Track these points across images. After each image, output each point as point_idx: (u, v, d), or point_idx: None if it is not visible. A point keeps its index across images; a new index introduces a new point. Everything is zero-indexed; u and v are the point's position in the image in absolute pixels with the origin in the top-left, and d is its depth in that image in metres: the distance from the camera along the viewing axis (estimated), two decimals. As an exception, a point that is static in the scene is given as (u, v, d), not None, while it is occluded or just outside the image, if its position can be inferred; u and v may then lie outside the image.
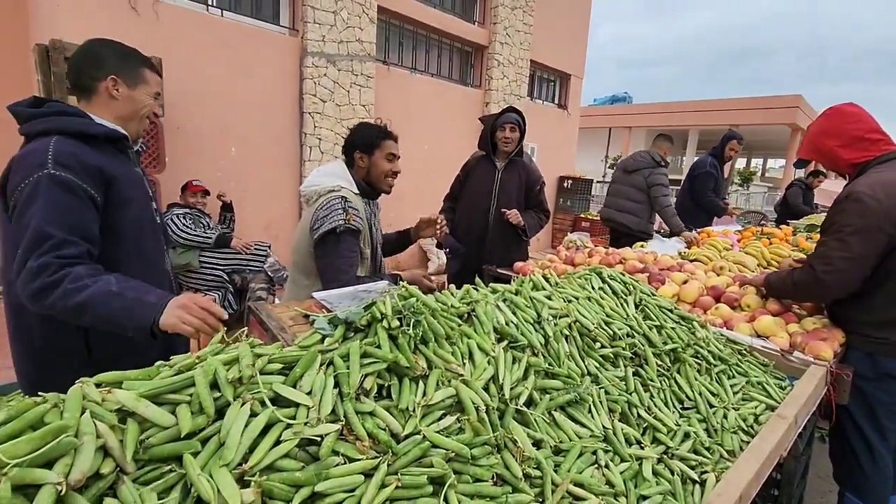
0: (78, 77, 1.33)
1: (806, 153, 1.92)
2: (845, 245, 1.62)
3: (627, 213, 4.09)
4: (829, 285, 1.69)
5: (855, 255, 1.61)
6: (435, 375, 0.95)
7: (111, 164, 1.26)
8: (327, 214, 1.84)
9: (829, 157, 1.83)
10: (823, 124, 1.84)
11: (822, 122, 1.85)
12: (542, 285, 1.41)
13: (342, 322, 0.96)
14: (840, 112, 1.82)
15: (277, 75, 4.36)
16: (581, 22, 8.44)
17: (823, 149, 1.83)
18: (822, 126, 1.84)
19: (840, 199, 1.68)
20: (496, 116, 2.88)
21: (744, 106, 19.86)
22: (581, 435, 1.04)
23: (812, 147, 1.87)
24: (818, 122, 1.87)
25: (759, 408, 1.36)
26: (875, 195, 1.57)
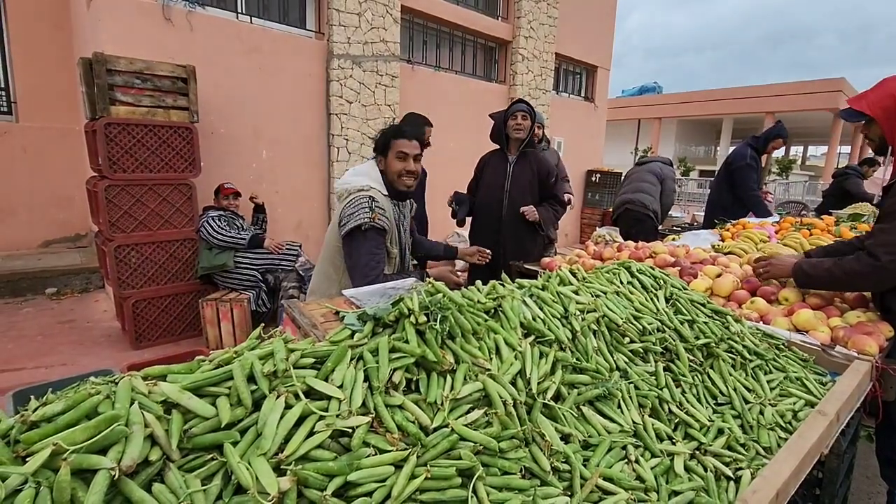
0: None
1: (871, 108, 1.64)
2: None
3: (642, 192, 4.38)
4: (889, 277, 1.57)
5: None
6: (462, 370, 0.96)
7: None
8: (354, 211, 1.88)
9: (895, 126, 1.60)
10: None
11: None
12: (568, 280, 1.41)
13: (371, 318, 0.99)
14: None
15: (305, 78, 4.45)
16: (607, 12, 8.26)
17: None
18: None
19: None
20: (506, 109, 2.89)
21: (782, 92, 19.05)
22: (610, 430, 1.04)
23: (886, 107, 1.61)
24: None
25: (797, 404, 1.32)
26: None
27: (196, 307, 3.35)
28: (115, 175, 3.02)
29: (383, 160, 2.01)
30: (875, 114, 1.62)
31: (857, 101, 1.68)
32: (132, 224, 3.13)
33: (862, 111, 1.65)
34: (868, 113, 1.64)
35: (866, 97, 1.67)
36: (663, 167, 4.49)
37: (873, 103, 1.64)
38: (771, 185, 17.45)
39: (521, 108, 2.83)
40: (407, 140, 2.00)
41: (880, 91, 1.64)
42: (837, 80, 17.74)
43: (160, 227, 3.23)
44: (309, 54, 4.46)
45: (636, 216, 4.33)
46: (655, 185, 4.41)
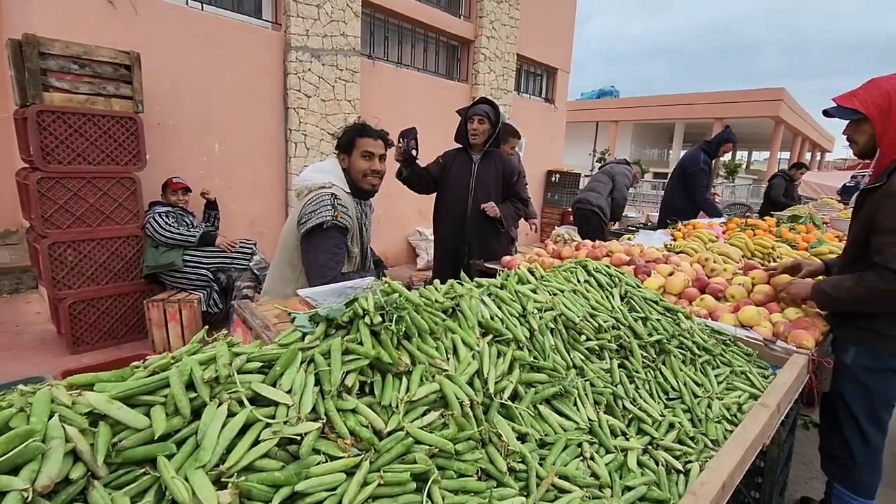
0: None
1: (864, 106, 1.55)
2: None
3: (590, 191, 4.64)
4: None
5: None
6: (418, 371, 0.94)
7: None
8: (315, 209, 1.83)
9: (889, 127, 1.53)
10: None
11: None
12: (527, 279, 1.41)
13: (323, 319, 0.95)
14: None
15: (260, 70, 4.29)
16: (567, 16, 8.43)
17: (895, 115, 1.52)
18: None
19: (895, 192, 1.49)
20: (467, 108, 2.88)
21: (728, 99, 20.10)
22: (566, 428, 1.04)
23: (882, 106, 1.53)
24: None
25: (742, 397, 1.37)
26: None
27: (141, 308, 3.16)
28: (48, 167, 2.80)
29: (346, 158, 1.97)
30: (869, 112, 1.54)
31: (848, 100, 1.60)
32: (68, 219, 2.92)
33: (855, 108, 1.56)
34: (862, 110, 1.55)
35: (857, 95, 1.59)
36: (615, 166, 4.75)
37: (866, 101, 1.55)
38: (719, 188, 18.40)
39: (480, 110, 2.82)
40: (372, 139, 1.96)
41: (873, 90, 1.56)
42: (778, 90, 18.90)
43: (100, 224, 3.02)
44: (265, 45, 4.31)
45: (584, 214, 4.58)
46: (606, 183, 4.65)
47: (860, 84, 1.65)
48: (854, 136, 1.63)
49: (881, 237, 1.52)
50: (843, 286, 1.62)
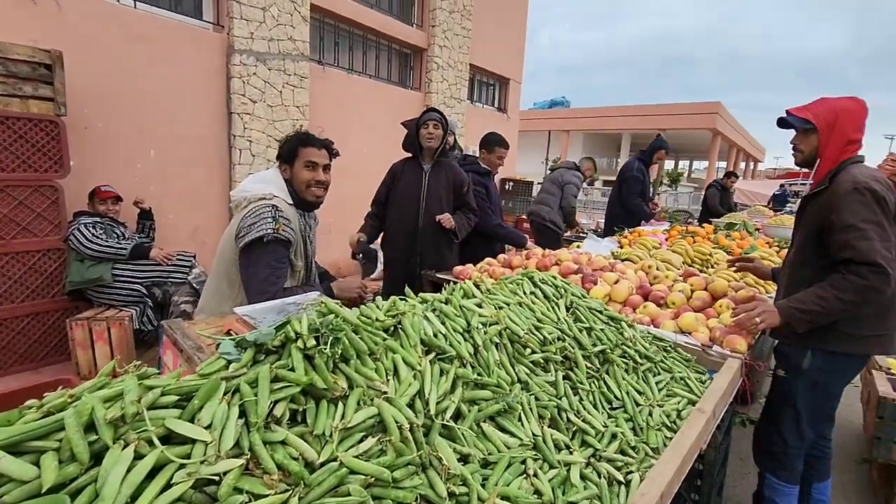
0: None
1: (816, 119, 1.71)
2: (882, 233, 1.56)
3: (541, 203, 4.59)
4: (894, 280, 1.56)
5: (889, 244, 1.56)
6: (355, 395, 0.90)
7: None
8: (255, 222, 1.74)
9: (833, 139, 1.69)
10: (856, 109, 1.71)
11: (855, 107, 1.72)
12: (472, 293, 1.39)
13: (251, 344, 0.89)
14: (866, 109, 1.72)
15: (201, 73, 4.09)
16: (518, 28, 8.64)
17: (838, 129, 1.69)
18: (853, 110, 1.71)
19: (849, 191, 1.60)
20: (418, 118, 2.87)
21: (670, 111, 21.23)
22: (510, 445, 1.03)
23: (829, 121, 1.69)
24: (849, 104, 1.72)
25: (681, 403, 1.41)
26: (880, 187, 1.59)
27: (64, 328, 2.90)
28: (-46, 174, 2.54)
29: (289, 168, 1.89)
30: (819, 124, 1.70)
31: (803, 111, 1.75)
32: (-22, 232, 2.65)
33: (808, 119, 1.72)
34: (813, 121, 1.71)
35: (810, 109, 1.75)
36: (564, 173, 4.71)
37: (818, 115, 1.72)
38: (663, 196, 19.35)
39: (434, 116, 2.82)
40: (316, 149, 1.89)
41: (823, 106, 1.73)
42: (715, 104, 20.16)
43: (16, 236, 2.76)
44: (206, 47, 4.11)
45: (537, 227, 4.62)
46: (555, 194, 4.64)
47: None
48: (801, 145, 1.79)
49: (843, 234, 1.60)
50: (809, 298, 1.65)
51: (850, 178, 1.63)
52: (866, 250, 1.55)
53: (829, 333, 1.72)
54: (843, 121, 1.68)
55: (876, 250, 1.54)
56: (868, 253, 1.54)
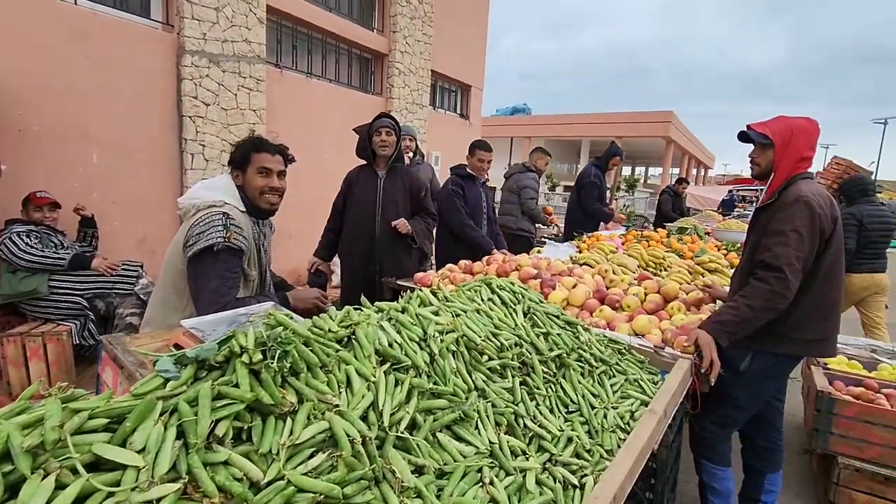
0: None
1: (775, 135, 1.82)
2: (801, 244, 1.69)
3: (505, 214, 4.56)
4: (794, 286, 1.70)
5: (805, 255, 1.71)
6: (305, 410, 0.87)
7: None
8: (205, 230, 1.66)
9: (787, 155, 1.80)
10: (810, 128, 1.83)
11: (809, 126, 1.83)
12: (429, 301, 1.38)
13: (192, 361, 0.84)
14: (818, 129, 1.85)
15: (149, 74, 3.91)
16: (479, 35, 8.75)
17: (792, 145, 1.80)
18: (807, 129, 1.82)
19: (791, 202, 1.74)
20: (370, 124, 2.84)
21: (627, 119, 22.01)
22: (466, 454, 1.02)
23: (785, 138, 1.81)
24: (803, 123, 1.83)
25: (634, 405, 1.45)
26: (818, 201, 1.73)
27: (-5, 344, 2.69)
28: None
29: (241, 175, 1.83)
30: (776, 140, 1.81)
31: (762, 127, 1.87)
32: None
33: (766, 134, 1.83)
34: (771, 137, 1.82)
35: (769, 125, 1.86)
36: (519, 178, 4.61)
37: (775, 131, 1.83)
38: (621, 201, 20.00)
39: (386, 123, 2.80)
40: (269, 154, 1.83)
41: (780, 123, 1.84)
42: (668, 113, 21.05)
43: (-61, 246, 2.54)
44: (154, 47, 3.94)
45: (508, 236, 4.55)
46: (515, 202, 4.61)
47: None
48: (758, 158, 1.90)
49: (769, 238, 1.75)
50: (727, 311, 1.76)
51: (796, 191, 1.76)
52: (779, 255, 1.68)
53: (773, 337, 1.83)
54: (798, 139, 1.80)
55: (786, 256, 1.67)
56: (779, 257, 1.68)
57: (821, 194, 1.77)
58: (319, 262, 2.92)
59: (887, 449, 2.23)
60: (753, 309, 1.71)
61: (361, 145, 2.84)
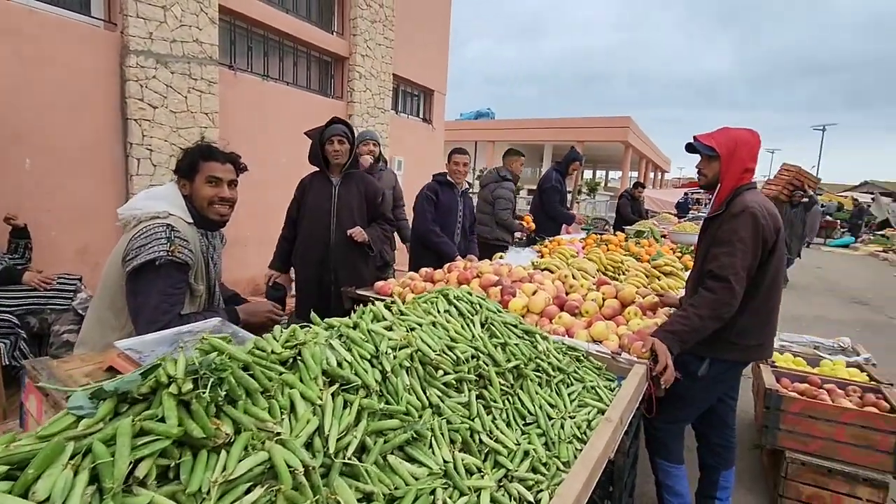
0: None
1: (719, 146, 1.88)
2: (746, 254, 1.75)
3: (480, 224, 4.46)
4: (740, 295, 1.77)
5: (749, 264, 1.77)
6: (242, 441, 0.81)
7: None
8: (146, 243, 1.56)
9: (732, 166, 1.87)
10: (752, 140, 1.89)
11: (751, 139, 1.89)
12: (382, 315, 1.34)
13: (111, 395, 0.77)
14: (760, 140, 1.92)
15: (90, 75, 3.68)
16: (441, 40, 8.76)
17: (736, 157, 1.86)
18: (749, 141, 1.88)
19: (736, 214, 1.81)
20: (322, 129, 2.76)
21: (587, 125, 22.60)
22: (418, 476, 0.98)
23: (730, 149, 1.87)
24: (746, 135, 1.89)
25: (591, 413, 1.45)
26: (762, 212, 1.80)
27: (-89, 369, 2.45)
28: None
29: (188, 184, 1.72)
30: (721, 151, 1.87)
31: (707, 139, 1.92)
32: None
33: (711, 146, 1.89)
34: (716, 149, 1.88)
35: (714, 137, 1.92)
36: (494, 188, 4.54)
37: (720, 143, 1.89)
38: (583, 204, 20.49)
39: (338, 130, 2.73)
40: (219, 163, 1.74)
41: (725, 134, 1.90)
42: (625, 118, 21.76)
43: None
44: (95, 46, 3.71)
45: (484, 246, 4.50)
46: (489, 212, 4.53)
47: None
48: (705, 169, 1.96)
49: (716, 248, 1.82)
50: (678, 320, 1.81)
51: (742, 202, 1.83)
52: (725, 265, 1.76)
53: (722, 344, 1.90)
54: (742, 150, 1.87)
55: (732, 266, 1.75)
56: (725, 267, 1.75)
57: (765, 205, 1.85)
58: (277, 274, 2.84)
59: (828, 442, 2.35)
60: (702, 318, 1.77)
61: (314, 151, 2.76)
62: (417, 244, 3.61)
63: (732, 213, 1.83)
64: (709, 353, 1.93)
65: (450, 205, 3.56)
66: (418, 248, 3.60)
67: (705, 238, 2.00)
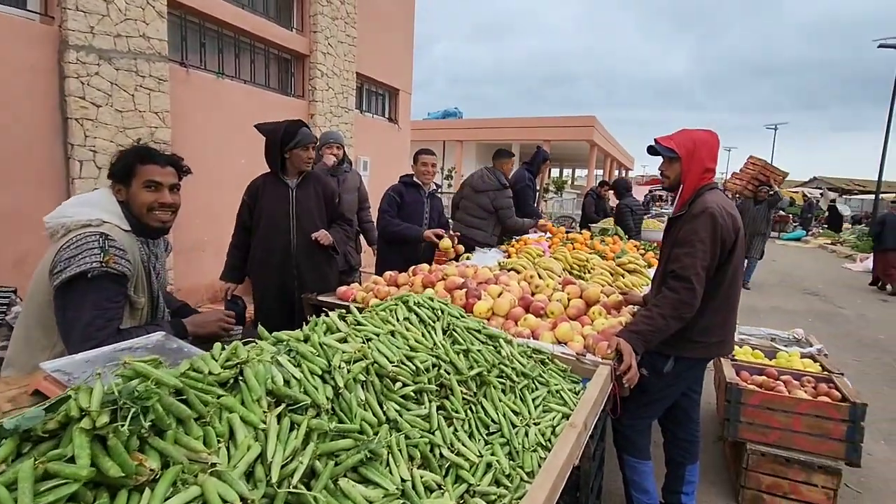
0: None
1: (678, 147, 1.90)
2: (705, 254, 1.78)
3: (474, 227, 4.27)
4: (700, 295, 1.79)
5: (707, 265, 1.79)
6: (169, 476, 0.73)
7: None
8: (76, 254, 1.43)
9: (692, 167, 1.89)
10: (710, 140, 1.91)
11: (710, 139, 1.91)
12: (336, 327, 1.27)
13: (11, 433, 0.67)
14: (718, 140, 1.94)
15: (24, 71, 3.42)
16: (405, 39, 8.67)
17: (696, 157, 1.88)
18: (707, 142, 1.90)
19: (697, 214, 1.83)
20: (283, 130, 2.60)
21: (553, 124, 22.91)
22: (373, 499, 0.92)
23: (689, 150, 1.89)
24: (704, 136, 1.91)
25: (556, 418, 1.42)
26: (721, 212, 1.81)
27: None
28: None
29: (124, 190, 1.59)
30: (682, 153, 1.89)
31: (667, 141, 1.94)
32: None
33: (672, 148, 1.90)
34: (676, 150, 1.89)
35: (673, 139, 1.93)
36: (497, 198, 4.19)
37: (680, 144, 1.90)
38: (551, 202, 20.78)
39: (312, 139, 2.63)
40: (158, 166, 1.61)
41: (683, 136, 1.92)
42: (590, 118, 22.16)
43: None
44: (30, 41, 3.45)
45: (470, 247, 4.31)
46: (486, 218, 4.22)
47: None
48: (667, 171, 1.98)
49: (678, 248, 1.84)
50: (642, 321, 1.83)
51: (702, 203, 1.85)
52: (687, 265, 1.78)
53: (685, 343, 1.93)
54: (701, 151, 1.90)
55: (693, 266, 1.77)
56: (687, 268, 1.78)
57: (724, 206, 1.88)
58: (233, 286, 2.70)
59: (786, 432, 2.42)
60: (665, 318, 1.79)
61: (272, 151, 2.63)
62: (383, 244, 3.55)
63: (693, 214, 1.85)
64: (673, 351, 1.95)
65: (415, 206, 3.50)
66: (384, 248, 3.53)
67: (669, 238, 2.03)
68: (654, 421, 2.23)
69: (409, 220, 3.44)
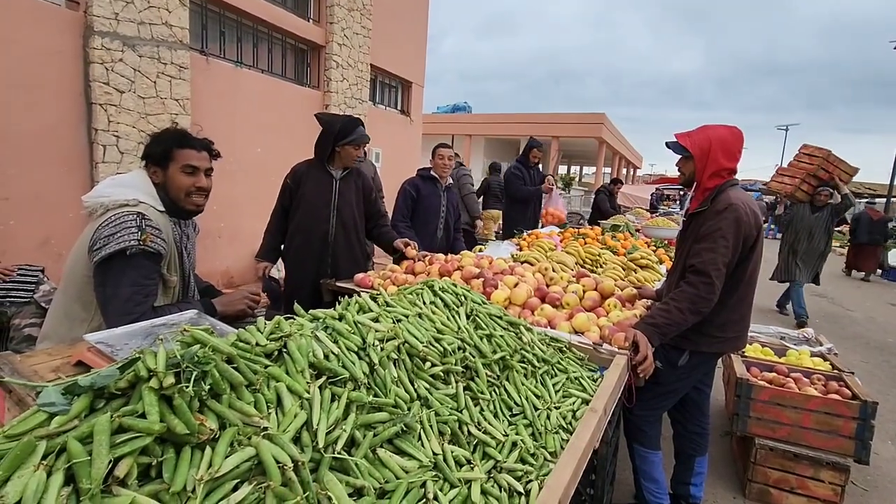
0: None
1: (693, 146, 1.90)
2: (727, 251, 1.78)
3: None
4: (719, 290, 1.80)
5: (728, 261, 1.80)
6: (227, 437, 0.78)
7: None
8: (115, 232, 1.48)
9: (708, 165, 1.87)
10: (729, 139, 1.87)
11: (728, 137, 1.88)
12: (368, 307, 1.31)
13: (87, 390, 0.73)
14: (741, 136, 1.90)
15: (50, 57, 3.48)
16: (419, 32, 8.67)
17: (711, 157, 1.87)
18: (726, 140, 1.87)
19: (720, 210, 1.82)
20: (340, 124, 2.65)
21: (562, 120, 22.79)
22: (409, 469, 0.97)
23: (704, 149, 1.88)
24: (724, 133, 1.88)
25: (576, 403, 1.46)
26: (745, 209, 1.82)
27: None
28: None
29: (161, 172, 1.64)
30: (695, 151, 1.89)
31: (684, 139, 1.93)
32: None
33: (686, 147, 1.90)
34: (690, 150, 1.90)
35: (690, 136, 1.92)
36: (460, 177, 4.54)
37: (695, 143, 1.89)
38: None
39: (365, 138, 2.68)
40: (195, 151, 1.66)
41: (701, 133, 1.91)
42: (599, 115, 22.03)
43: None
44: (56, 27, 3.51)
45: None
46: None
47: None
48: (682, 168, 1.99)
49: (699, 244, 1.84)
50: (659, 313, 1.84)
51: (726, 199, 1.86)
52: (707, 261, 1.79)
53: (702, 337, 1.95)
54: (716, 150, 1.88)
55: (713, 262, 1.79)
56: (707, 263, 1.79)
57: (748, 202, 1.89)
58: (269, 265, 2.72)
59: (795, 428, 2.45)
60: (682, 311, 1.81)
61: (325, 141, 2.66)
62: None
63: (716, 210, 1.86)
64: (689, 345, 1.98)
65: (432, 200, 3.55)
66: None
67: (688, 234, 2.04)
68: (664, 413, 2.27)
69: (425, 213, 3.50)
